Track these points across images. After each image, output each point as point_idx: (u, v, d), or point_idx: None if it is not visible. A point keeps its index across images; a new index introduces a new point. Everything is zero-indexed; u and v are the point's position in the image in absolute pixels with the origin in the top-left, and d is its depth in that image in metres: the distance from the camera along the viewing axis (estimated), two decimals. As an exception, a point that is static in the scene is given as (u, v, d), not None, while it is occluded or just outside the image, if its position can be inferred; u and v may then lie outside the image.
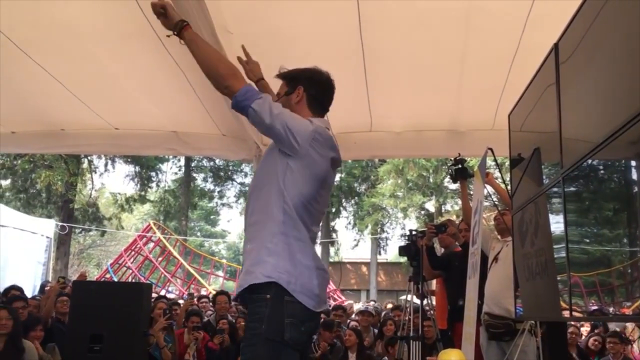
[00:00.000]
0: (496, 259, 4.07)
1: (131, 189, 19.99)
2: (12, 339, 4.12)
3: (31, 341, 4.38)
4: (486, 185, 4.11)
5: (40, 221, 11.86)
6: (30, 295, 7.28)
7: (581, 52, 2.00)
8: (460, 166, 4.47)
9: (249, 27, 3.38)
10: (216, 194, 26.93)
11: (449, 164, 4.84)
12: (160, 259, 15.91)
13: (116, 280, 13.74)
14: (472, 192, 5.85)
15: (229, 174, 25.90)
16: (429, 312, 4.74)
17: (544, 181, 2.48)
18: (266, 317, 1.84)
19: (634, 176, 1.61)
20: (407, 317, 4.62)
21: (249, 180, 24.72)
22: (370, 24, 3.32)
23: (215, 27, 3.10)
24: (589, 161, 1.88)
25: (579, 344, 6.00)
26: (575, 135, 2.10)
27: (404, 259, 13.46)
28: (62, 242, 15.78)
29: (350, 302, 12.31)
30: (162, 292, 12.88)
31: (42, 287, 8.98)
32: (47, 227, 11.51)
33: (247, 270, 1.93)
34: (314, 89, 2.11)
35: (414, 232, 4.84)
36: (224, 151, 5.33)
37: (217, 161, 24.49)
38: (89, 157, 16.52)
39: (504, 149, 3.35)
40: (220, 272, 18.28)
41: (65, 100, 4.34)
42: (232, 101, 1.95)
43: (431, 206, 20.33)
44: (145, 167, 20.13)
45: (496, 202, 4.51)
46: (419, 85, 4.13)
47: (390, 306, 9.18)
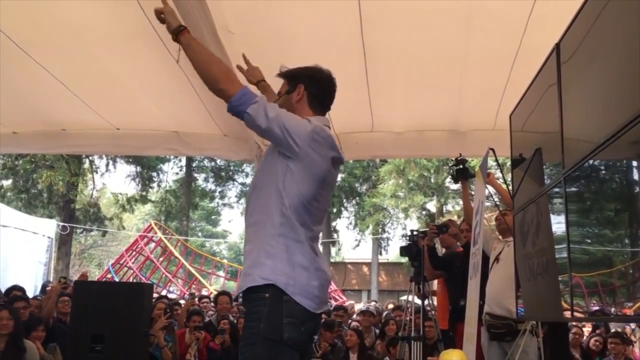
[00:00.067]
0: (497, 259, 4.07)
1: (132, 189, 20.04)
2: (14, 339, 4.13)
3: (32, 341, 4.38)
4: (487, 185, 4.11)
5: (41, 221, 11.85)
6: (31, 295, 7.29)
7: (583, 52, 2.00)
8: (461, 166, 4.47)
9: (250, 27, 3.38)
10: (217, 194, 27.00)
11: (450, 164, 4.84)
12: (161, 259, 15.92)
13: (117, 280, 13.75)
14: (473, 193, 5.84)
15: (230, 174, 25.95)
16: (430, 312, 4.74)
17: (546, 181, 2.48)
18: (264, 316, 1.83)
19: (636, 176, 1.61)
20: (408, 317, 4.62)
21: (250, 180, 24.70)
22: (371, 24, 3.31)
23: (216, 27, 3.10)
24: (591, 161, 1.87)
25: (582, 344, 6.01)
26: (576, 135, 2.09)
27: (405, 259, 13.43)
28: (64, 242, 15.80)
29: (351, 302, 12.32)
30: (164, 293, 12.88)
31: (43, 287, 8.99)
32: (49, 227, 11.50)
33: (245, 272, 1.94)
34: (314, 87, 2.10)
35: (415, 233, 4.84)
36: (225, 151, 5.32)
37: (218, 161, 24.54)
38: (90, 157, 16.55)
39: (506, 149, 3.35)
40: (221, 273, 18.26)
41: (66, 100, 4.34)
42: (227, 106, 1.94)
43: (432, 206, 20.36)
44: (146, 167, 20.15)
45: (497, 203, 4.50)
46: (420, 85, 4.12)
47: (391, 306, 9.18)
